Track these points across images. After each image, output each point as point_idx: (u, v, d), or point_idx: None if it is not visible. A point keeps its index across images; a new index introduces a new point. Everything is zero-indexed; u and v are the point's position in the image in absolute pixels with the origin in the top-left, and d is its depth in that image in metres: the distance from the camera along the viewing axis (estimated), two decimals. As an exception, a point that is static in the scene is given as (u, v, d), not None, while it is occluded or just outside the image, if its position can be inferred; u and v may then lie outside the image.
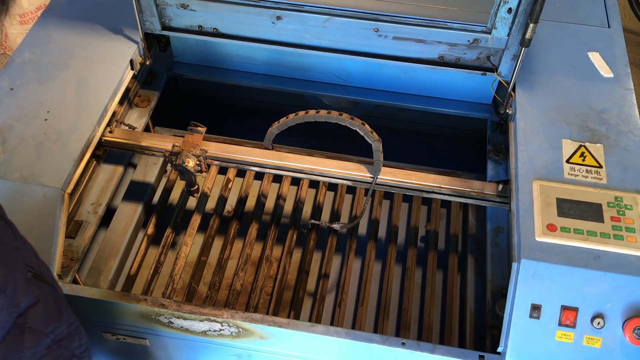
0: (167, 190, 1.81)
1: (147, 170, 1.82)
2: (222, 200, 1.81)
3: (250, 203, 1.85)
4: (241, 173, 1.86)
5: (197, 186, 1.65)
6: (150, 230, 1.71)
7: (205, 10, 1.64)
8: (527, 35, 1.49)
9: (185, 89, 2.13)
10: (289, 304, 1.66)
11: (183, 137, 1.58)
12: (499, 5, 1.50)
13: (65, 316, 1.04)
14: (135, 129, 1.70)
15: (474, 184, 1.58)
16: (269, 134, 1.59)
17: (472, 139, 1.99)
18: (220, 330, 1.37)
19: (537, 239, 1.33)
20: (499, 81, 1.63)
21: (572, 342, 1.28)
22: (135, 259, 1.66)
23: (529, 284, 1.29)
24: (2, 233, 0.95)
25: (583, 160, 1.47)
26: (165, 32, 1.71)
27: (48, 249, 1.37)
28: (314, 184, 1.87)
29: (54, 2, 1.81)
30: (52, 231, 1.38)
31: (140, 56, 1.73)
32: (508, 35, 1.55)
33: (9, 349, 0.92)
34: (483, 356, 1.33)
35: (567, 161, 1.47)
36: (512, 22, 1.52)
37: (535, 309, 1.29)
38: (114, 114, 1.64)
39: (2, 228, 0.96)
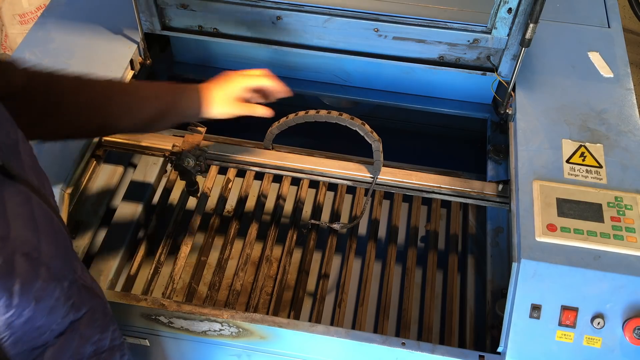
0: (167, 190, 1.81)
1: (147, 170, 1.82)
2: (222, 200, 1.80)
3: (250, 203, 1.85)
4: (241, 173, 1.86)
5: (197, 186, 1.65)
6: (150, 230, 1.71)
7: (205, 10, 1.64)
8: (527, 36, 1.48)
9: (185, 89, 2.12)
10: (289, 304, 1.66)
11: (183, 137, 1.58)
12: (499, 5, 1.50)
13: (110, 330, 1.05)
14: (135, 129, 1.70)
15: (474, 184, 1.58)
16: (269, 134, 1.59)
17: (472, 139, 1.98)
18: (220, 330, 1.37)
19: (537, 239, 1.33)
20: (499, 81, 1.63)
21: (572, 342, 1.28)
22: (135, 259, 1.66)
23: (529, 284, 1.29)
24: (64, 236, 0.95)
25: (583, 160, 1.47)
26: (165, 32, 1.71)
27: (48, 249, 1.36)
28: (314, 184, 1.87)
29: (54, 2, 1.81)
30: (52, 231, 1.38)
31: (140, 56, 1.73)
32: (508, 35, 1.55)
33: (62, 349, 0.93)
34: (483, 356, 1.33)
35: (567, 161, 1.47)
36: (512, 22, 1.52)
37: (535, 309, 1.29)
38: (114, 114, 1.64)
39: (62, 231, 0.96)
